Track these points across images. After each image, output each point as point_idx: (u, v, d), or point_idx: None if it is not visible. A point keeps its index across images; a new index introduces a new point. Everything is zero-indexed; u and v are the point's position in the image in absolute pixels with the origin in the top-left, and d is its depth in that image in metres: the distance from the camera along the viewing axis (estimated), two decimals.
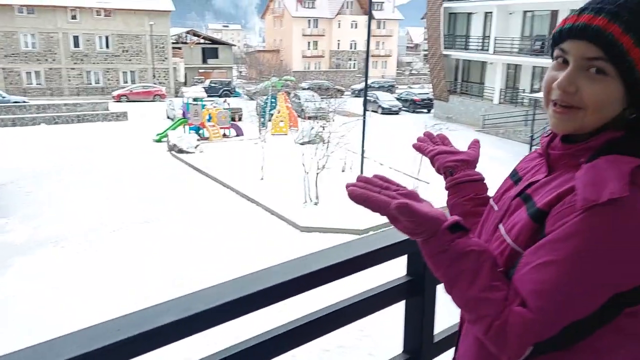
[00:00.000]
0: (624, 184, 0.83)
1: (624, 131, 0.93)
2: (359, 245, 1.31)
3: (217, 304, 1.03)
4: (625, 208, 0.83)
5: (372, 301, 1.33)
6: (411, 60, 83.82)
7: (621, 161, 0.87)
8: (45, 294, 9.88)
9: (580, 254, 0.84)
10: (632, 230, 0.83)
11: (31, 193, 16.35)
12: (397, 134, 26.90)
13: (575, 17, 0.95)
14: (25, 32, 42.99)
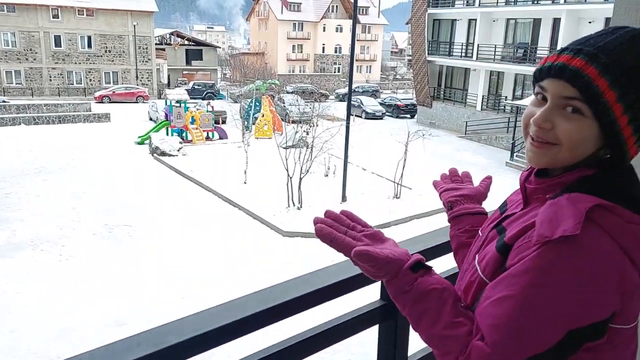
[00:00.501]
0: (577, 223, 0.85)
1: (596, 169, 0.96)
2: (334, 272, 1.32)
3: (189, 336, 1.03)
4: (577, 246, 0.85)
5: (346, 326, 1.34)
6: (395, 65, 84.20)
7: (581, 199, 0.89)
8: (20, 299, 9.74)
9: (534, 289, 0.86)
10: (584, 268, 0.85)
11: (10, 194, 16.10)
12: (381, 139, 27.03)
13: (555, 56, 0.98)
14: (5, 31, 42.36)
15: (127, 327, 8.83)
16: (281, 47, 64.66)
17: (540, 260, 0.87)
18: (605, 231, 0.87)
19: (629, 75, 0.90)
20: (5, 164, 19.81)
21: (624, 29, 0.94)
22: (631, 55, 0.91)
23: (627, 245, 0.87)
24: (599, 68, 0.91)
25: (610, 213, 0.88)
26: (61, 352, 8.07)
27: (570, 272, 0.85)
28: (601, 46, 0.93)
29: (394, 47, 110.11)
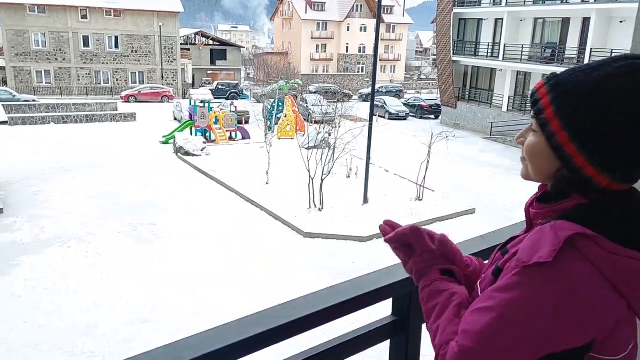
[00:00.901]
0: (552, 250, 0.89)
1: (590, 199, 0.98)
2: (347, 289, 1.34)
3: (204, 352, 1.06)
4: (553, 272, 0.89)
5: (358, 341, 1.36)
6: (420, 64, 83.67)
7: (564, 227, 0.92)
8: (48, 295, 9.98)
9: (510, 307, 0.90)
10: (558, 294, 0.88)
11: (39, 192, 16.49)
12: (404, 140, 26.92)
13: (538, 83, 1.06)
14: (36, 31, 43.37)
15: (150, 325, 9.00)
16: (305, 46, 64.81)
17: (518, 282, 0.91)
18: (587, 260, 0.89)
19: (569, 99, 0.96)
20: (35, 162, 20.30)
21: (610, 65, 0.96)
22: (594, 89, 0.94)
23: (611, 275, 0.89)
24: (549, 88, 0.99)
25: (593, 243, 0.90)
26: (85, 348, 8.26)
27: (544, 296, 0.89)
28: (566, 77, 0.98)
29: (418, 47, 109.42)
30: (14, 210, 14.72)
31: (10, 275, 10.76)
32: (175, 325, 8.92)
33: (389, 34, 68.35)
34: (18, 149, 22.38)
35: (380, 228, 1.24)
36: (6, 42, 43.19)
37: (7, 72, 43.51)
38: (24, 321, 9.00)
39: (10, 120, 27.89)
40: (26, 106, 31.56)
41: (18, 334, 8.59)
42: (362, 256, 12.39)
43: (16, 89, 39.81)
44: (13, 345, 8.28)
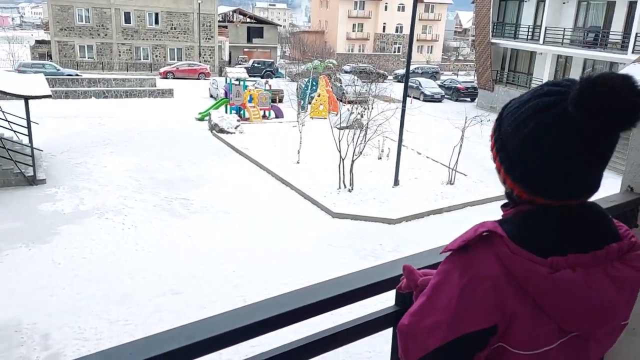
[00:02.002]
0: (462, 240, 1.05)
1: (532, 208, 1.11)
2: (354, 279, 1.47)
3: (221, 332, 1.20)
4: (462, 260, 1.06)
5: (362, 328, 1.49)
6: (458, 45, 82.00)
7: (484, 226, 1.06)
8: (86, 263, 10.46)
9: (433, 291, 1.08)
10: (462, 279, 1.04)
11: (80, 164, 17.09)
12: (438, 123, 26.63)
13: None
14: (80, 7, 44.26)
15: (181, 297, 9.36)
16: (341, 25, 64.25)
17: (441, 267, 1.10)
18: (494, 254, 1.03)
19: (500, 120, 1.14)
20: (76, 135, 20.98)
21: (540, 87, 1.10)
22: (510, 114, 1.11)
23: (516, 272, 1.02)
24: (498, 116, 1.17)
25: (502, 242, 1.03)
26: (120, 316, 8.68)
27: (455, 280, 1.05)
28: (507, 104, 1.16)
29: (457, 27, 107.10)
30: (56, 181, 15.33)
31: (52, 243, 11.29)
32: (205, 298, 9.26)
33: (427, 13, 67.13)
34: (61, 122, 23.13)
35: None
36: (51, 17, 44.25)
37: (52, 47, 44.67)
38: (63, 288, 9.48)
39: (54, 94, 28.73)
40: (69, 80, 32.43)
41: (57, 300, 9.07)
42: (391, 238, 12.49)
43: (60, 63, 40.87)
44: (52, 310, 8.76)
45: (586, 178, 1.05)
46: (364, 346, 8.04)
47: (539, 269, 1.00)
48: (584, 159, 1.03)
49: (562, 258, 1.01)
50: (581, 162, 1.03)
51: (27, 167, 15.12)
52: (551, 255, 1.01)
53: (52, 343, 7.90)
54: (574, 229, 1.06)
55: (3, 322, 8.34)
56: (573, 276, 1.00)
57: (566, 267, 1.00)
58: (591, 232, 1.07)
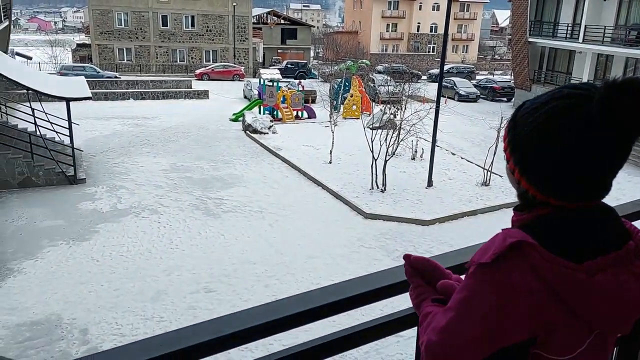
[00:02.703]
0: (494, 253, 1.02)
1: (553, 212, 1.10)
2: (375, 279, 1.48)
3: (245, 327, 1.23)
4: (495, 272, 1.02)
5: (385, 327, 1.51)
6: (494, 44, 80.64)
7: (512, 235, 1.04)
8: (123, 261, 10.72)
9: (463, 305, 1.05)
10: (498, 293, 1.02)
11: (118, 164, 17.53)
12: (473, 123, 26.29)
13: None
14: (119, 11, 45.36)
15: (214, 295, 9.51)
16: (375, 25, 63.98)
17: (469, 280, 1.07)
18: (529, 264, 1.01)
19: (515, 121, 1.13)
20: (115, 136, 21.53)
21: (556, 90, 1.09)
22: (527, 115, 1.10)
23: (551, 280, 1.01)
24: (511, 117, 1.16)
25: (534, 250, 1.02)
26: (155, 313, 8.87)
27: (488, 295, 1.03)
28: (522, 106, 1.14)
29: (494, 26, 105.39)
30: (95, 181, 15.77)
31: (90, 241, 11.62)
32: (237, 297, 9.39)
33: (463, 12, 66.25)
34: (100, 123, 23.75)
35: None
36: (92, 21, 45.50)
37: (92, 50, 45.91)
38: (101, 284, 9.75)
39: (94, 96, 29.53)
40: (108, 82, 33.31)
41: (96, 296, 9.34)
42: (423, 240, 12.40)
43: (100, 66, 41.95)
44: (91, 306, 9.02)
45: (603, 180, 1.06)
46: (394, 349, 8.02)
47: (579, 275, 1.00)
48: (603, 162, 1.03)
49: (593, 262, 1.02)
50: (600, 164, 1.03)
51: (68, 166, 15.60)
52: (582, 259, 1.02)
53: (90, 338, 8.14)
54: (596, 230, 1.07)
55: (45, 317, 8.63)
56: (607, 278, 1.01)
57: (599, 271, 1.01)
58: (610, 233, 1.08)
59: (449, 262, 1.45)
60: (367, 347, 7.76)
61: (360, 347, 5.08)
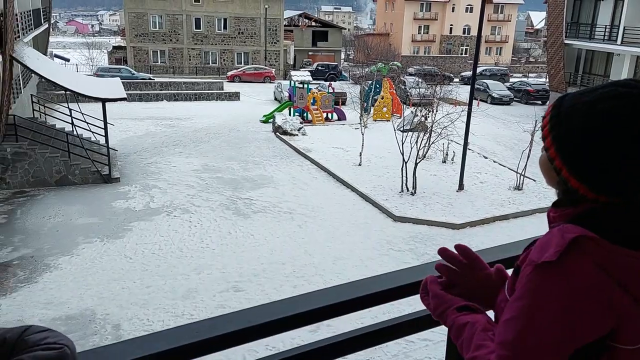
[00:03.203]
0: (557, 250, 0.99)
1: (601, 204, 1.07)
2: (408, 274, 1.47)
3: (276, 318, 1.26)
4: (560, 270, 0.99)
5: (415, 323, 1.50)
6: (529, 46, 79.27)
7: (569, 230, 1.02)
8: (155, 259, 10.91)
9: (530, 310, 1.01)
10: (567, 290, 0.98)
11: (151, 164, 17.86)
12: (506, 126, 25.90)
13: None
14: (154, 14, 46.23)
15: (243, 294, 9.59)
16: (406, 27, 63.62)
17: (531, 284, 1.02)
18: (591, 259, 0.99)
19: (560, 118, 1.10)
20: (148, 136, 21.94)
21: (596, 91, 1.06)
22: (578, 112, 1.06)
23: (614, 272, 0.99)
24: (552, 111, 1.13)
25: (594, 243, 1.00)
26: (186, 310, 8.99)
27: (556, 294, 0.99)
28: (565, 100, 1.11)
29: (529, 27, 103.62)
30: (129, 180, 16.09)
31: (124, 239, 11.86)
32: (266, 297, 9.44)
33: (497, 14, 65.33)
34: (134, 124, 24.23)
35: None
36: (128, 23, 46.50)
37: (128, 52, 46.91)
38: (134, 281, 9.94)
39: (129, 97, 30.14)
40: (143, 84, 33.98)
41: (128, 293, 9.53)
42: (454, 244, 12.21)
43: (135, 68, 42.80)
44: (124, 302, 9.20)
45: None
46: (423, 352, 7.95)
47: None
48: None
49: None
50: None
51: (103, 166, 15.96)
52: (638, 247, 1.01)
53: (122, 333, 8.30)
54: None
55: (79, 312, 8.85)
56: None
57: None
58: None
59: (488, 258, 1.43)
60: (395, 350, 7.73)
61: (389, 350, 5.20)
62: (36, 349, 0.98)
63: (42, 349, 0.98)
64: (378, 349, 7.37)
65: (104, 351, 1.18)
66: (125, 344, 1.20)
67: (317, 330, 7.19)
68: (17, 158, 14.96)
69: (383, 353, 7.58)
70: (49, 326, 1.06)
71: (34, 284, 9.76)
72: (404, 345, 7.88)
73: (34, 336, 1.00)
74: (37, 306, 9.00)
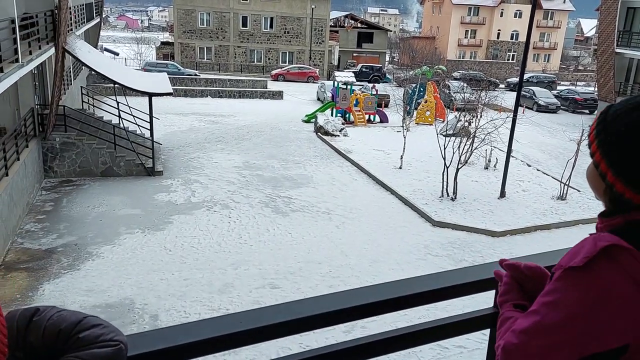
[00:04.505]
0: (585, 257, 0.99)
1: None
2: (456, 275, 1.46)
3: (325, 311, 1.25)
4: (586, 276, 0.98)
5: (459, 325, 1.48)
6: (578, 54, 77.01)
7: (602, 239, 1.01)
8: (194, 252, 11.09)
9: (548, 308, 1.02)
10: (588, 298, 0.97)
11: (193, 159, 18.17)
12: (551, 134, 25.25)
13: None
14: (202, 11, 47.07)
15: (279, 291, 9.65)
16: (453, 31, 62.77)
17: (556, 285, 1.03)
18: (622, 269, 0.97)
19: (606, 124, 1.08)
20: (192, 132, 22.34)
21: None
22: (622, 117, 1.05)
23: None
24: (598, 118, 1.12)
25: (629, 254, 0.97)
26: (222, 305, 9.11)
27: (577, 300, 0.98)
28: (612, 108, 1.10)
29: (579, 35, 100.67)
30: (171, 173, 16.42)
31: (164, 231, 12.11)
32: (301, 295, 9.46)
33: (546, 20, 63.72)
34: (179, 119, 24.71)
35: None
36: (176, 20, 47.50)
37: (175, 48, 47.90)
38: (172, 273, 10.13)
39: (175, 92, 30.76)
40: (189, 80, 34.61)
41: (166, 284, 9.71)
42: (493, 251, 12.02)
43: (181, 64, 43.68)
44: (162, 293, 9.39)
45: None
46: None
47: None
48: None
49: None
50: None
51: (147, 159, 16.33)
52: None
53: (159, 324, 8.47)
54: None
55: (119, 300, 9.08)
56: None
57: None
58: None
59: (543, 262, 1.39)
60: (429, 356, 7.63)
61: (423, 356, 5.14)
62: (92, 347, 1.00)
63: (99, 347, 1.00)
64: (412, 354, 7.29)
65: (152, 336, 1.20)
66: (172, 329, 1.21)
67: (352, 331, 7.17)
68: (65, 148, 15.47)
69: (417, 358, 7.49)
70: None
71: (77, 271, 10.06)
72: (438, 352, 7.78)
73: (90, 332, 1.01)
74: (78, 293, 9.27)
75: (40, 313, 1.04)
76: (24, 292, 9.24)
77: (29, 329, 1.01)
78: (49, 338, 1.00)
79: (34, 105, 15.14)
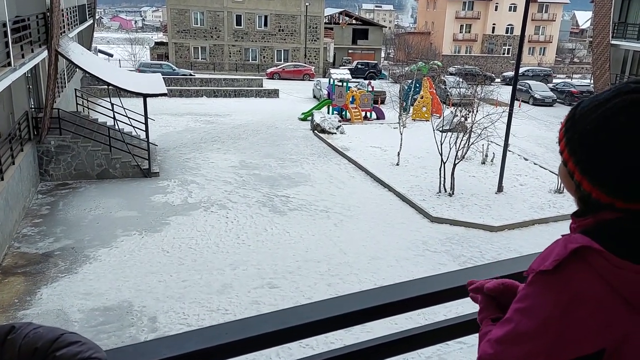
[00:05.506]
0: (554, 260, 0.96)
1: (612, 216, 1.00)
2: (460, 276, 1.43)
3: (314, 319, 1.22)
4: (557, 280, 0.95)
5: (461, 327, 1.46)
6: (574, 47, 77.07)
7: (573, 240, 0.97)
8: (192, 253, 11.05)
9: (521, 315, 0.99)
10: (560, 302, 0.94)
11: (189, 160, 18.11)
12: (548, 127, 25.25)
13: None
14: (195, 10, 46.97)
15: (278, 291, 9.61)
16: (448, 26, 62.73)
17: (527, 290, 1.00)
18: (594, 271, 0.93)
19: (574, 120, 1.05)
20: (188, 132, 22.27)
21: (608, 98, 1.00)
22: (588, 114, 1.02)
23: (620, 287, 0.92)
24: (568, 117, 1.08)
25: (600, 256, 0.93)
26: (220, 305, 9.07)
27: (549, 303, 0.95)
28: (580, 106, 1.07)
29: (574, 27, 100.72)
30: (168, 174, 16.37)
31: (162, 232, 12.06)
32: (300, 294, 9.44)
33: (541, 13, 63.76)
34: (174, 119, 24.64)
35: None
36: (170, 20, 47.39)
37: (169, 48, 47.80)
38: (170, 275, 10.09)
39: (169, 93, 30.65)
40: (183, 80, 34.51)
41: (165, 286, 9.67)
42: (491, 246, 12.01)
43: (176, 64, 43.58)
44: (160, 295, 9.35)
45: None
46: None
47: None
48: None
49: None
50: None
51: (143, 160, 16.27)
52: None
53: (158, 326, 8.43)
54: None
55: (117, 303, 9.03)
56: None
57: None
58: None
59: (504, 271, 1.41)
60: (429, 352, 7.60)
61: (423, 352, 5.09)
62: None
63: None
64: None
65: (133, 351, 1.16)
66: (154, 343, 1.18)
67: (352, 329, 7.14)
68: (60, 151, 15.40)
69: (417, 354, 7.45)
70: (88, 317, 1.04)
71: (74, 275, 10.01)
72: (438, 347, 7.73)
73: (67, 350, 0.97)
74: (76, 296, 9.23)
75: (15, 331, 0.99)
76: (21, 296, 9.19)
77: (4, 347, 0.97)
78: (24, 357, 0.96)
79: (28, 108, 15.07)
